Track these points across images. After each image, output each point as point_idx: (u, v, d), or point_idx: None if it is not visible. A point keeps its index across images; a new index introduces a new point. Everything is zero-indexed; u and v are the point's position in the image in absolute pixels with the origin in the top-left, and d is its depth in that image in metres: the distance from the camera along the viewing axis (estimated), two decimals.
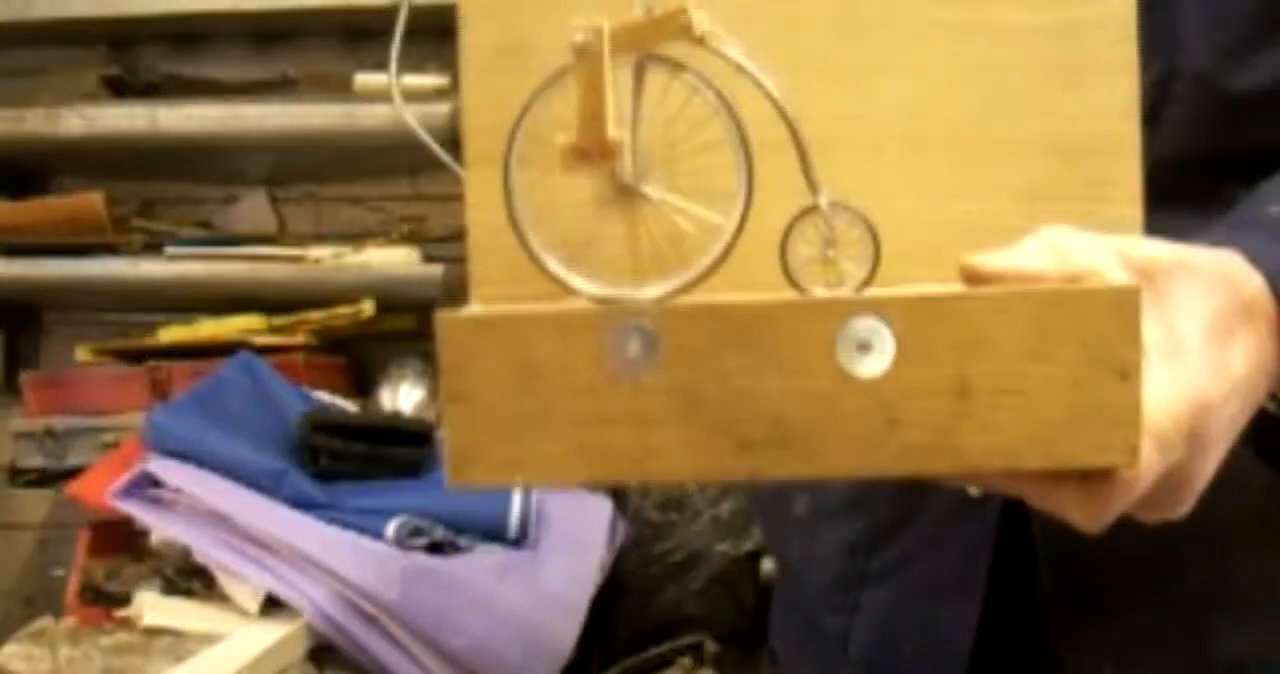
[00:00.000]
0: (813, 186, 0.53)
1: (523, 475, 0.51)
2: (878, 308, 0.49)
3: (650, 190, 0.54)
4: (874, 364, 0.49)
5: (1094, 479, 0.50)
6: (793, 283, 0.53)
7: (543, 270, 0.52)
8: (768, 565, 1.84)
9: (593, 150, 0.51)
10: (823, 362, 0.49)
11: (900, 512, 0.80)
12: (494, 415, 0.50)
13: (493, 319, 0.50)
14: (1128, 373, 0.49)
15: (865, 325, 0.49)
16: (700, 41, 0.51)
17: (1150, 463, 0.50)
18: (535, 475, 0.51)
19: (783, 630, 0.95)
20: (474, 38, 0.59)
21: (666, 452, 0.50)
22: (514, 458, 0.50)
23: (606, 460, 0.50)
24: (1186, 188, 0.64)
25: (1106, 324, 0.48)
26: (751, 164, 0.51)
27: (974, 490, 0.75)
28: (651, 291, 0.51)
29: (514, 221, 0.52)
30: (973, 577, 0.76)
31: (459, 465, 0.51)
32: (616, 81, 0.51)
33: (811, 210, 0.53)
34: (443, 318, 0.51)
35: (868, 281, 0.52)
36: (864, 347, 0.49)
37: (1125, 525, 0.68)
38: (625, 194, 0.54)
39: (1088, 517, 0.52)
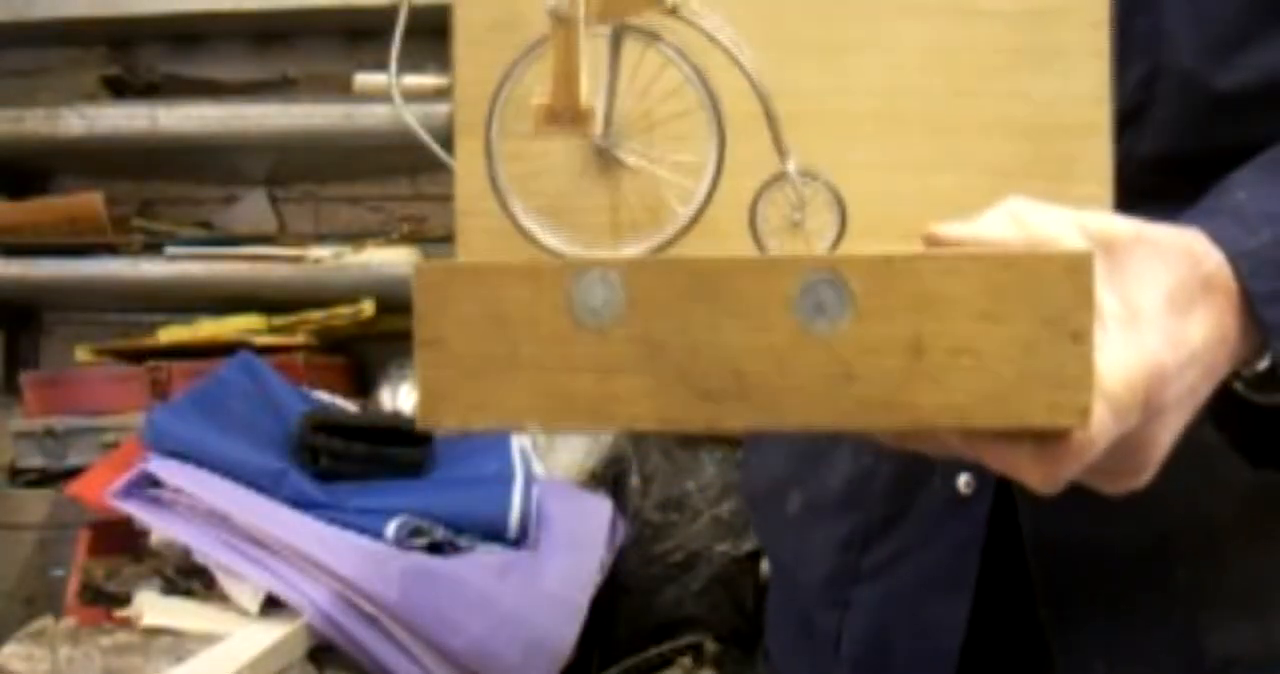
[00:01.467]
0: (781, 153, 0.54)
1: (489, 419, 0.52)
2: (835, 266, 0.50)
3: (628, 157, 0.55)
4: (830, 321, 0.50)
5: (1048, 440, 0.51)
6: (759, 245, 0.55)
7: (522, 234, 0.54)
8: (767, 565, 1.83)
9: (565, 114, 0.52)
10: (781, 317, 0.50)
11: (893, 509, 0.80)
12: (463, 361, 0.52)
13: (465, 268, 0.52)
14: (1080, 335, 0.49)
15: (823, 283, 0.50)
16: (671, 12, 0.52)
17: (1104, 426, 0.50)
18: (501, 420, 0.52)
19: (777, 629, 0.95)
20: (467, 12, 0.61)
21: (628, 400, 0.51)
22: (481, 402, 0.52)
23: (570, 407, 0.51)
24: (1171, 186, 0.64)
25: (1059, 286, 0.49)
26: (723, 132, 0.52)
27: (964, 488, 0.76)
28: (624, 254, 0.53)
29: (495, 187, 0.54)
30: (962, 574, 0.76)
31: (428, 409, 0.53)
32: (595, 51, 0.53)
33: (780, 177, 0.54)
34: (418, 266, 0.53)
35: (834, 247, 0.54)
36: (821, 304, 0.50)
37: (1116, 522, 0.68)
38: (605, 161, 0.55)
39: (1042, 478, 0.52)
